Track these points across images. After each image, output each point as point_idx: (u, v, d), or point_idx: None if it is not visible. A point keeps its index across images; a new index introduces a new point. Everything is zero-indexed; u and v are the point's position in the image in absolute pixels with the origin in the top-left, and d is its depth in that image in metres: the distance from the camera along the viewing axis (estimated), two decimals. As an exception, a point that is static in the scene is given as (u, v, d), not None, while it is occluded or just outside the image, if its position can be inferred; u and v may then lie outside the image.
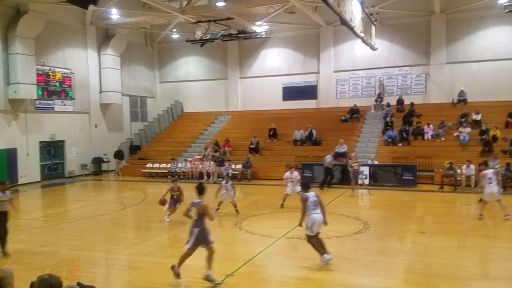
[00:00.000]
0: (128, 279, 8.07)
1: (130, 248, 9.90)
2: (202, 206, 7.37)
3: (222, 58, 30.37)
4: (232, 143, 25.20)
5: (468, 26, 24.15)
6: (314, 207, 8.17)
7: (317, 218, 8.15)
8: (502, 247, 9.53)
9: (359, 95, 26.90)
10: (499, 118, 21.82)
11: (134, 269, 8.44)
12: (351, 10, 15.62)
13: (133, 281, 7.84)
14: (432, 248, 9.58)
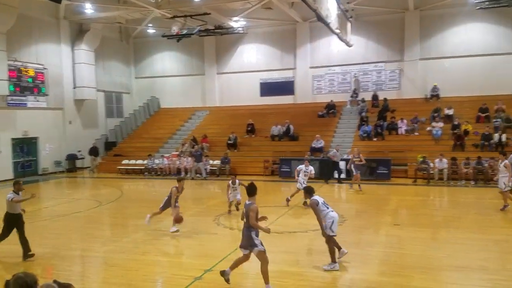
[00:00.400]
0: (105, 277, 8.00)
1: (106, 246, 9.81)
2: (250, 208, 6.80)
3: (199, 53, 30.19)
4: (210, 138, 25.14)
5: (441, 23, 24.69)
6: (327, 207, 8.10)
7: (335, 216, 8.02)
8: (473, 238, 9.85)
9: (335, 91, 27.20)
10: (471, 113, 22.44)
11: (111, 266, 8.37)
12: (327, 6, 15.76)
13: (110, 278, 7.78)
14: (406, 239, 9.84)
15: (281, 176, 20.99)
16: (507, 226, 11.11)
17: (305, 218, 12.03)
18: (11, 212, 8.71)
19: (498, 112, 21.61)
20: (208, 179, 21.58)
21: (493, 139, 19.70)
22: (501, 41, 23.63)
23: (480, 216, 12.31)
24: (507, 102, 22.14)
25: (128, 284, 7.39)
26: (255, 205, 6.81)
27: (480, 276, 7.38)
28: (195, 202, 15.86)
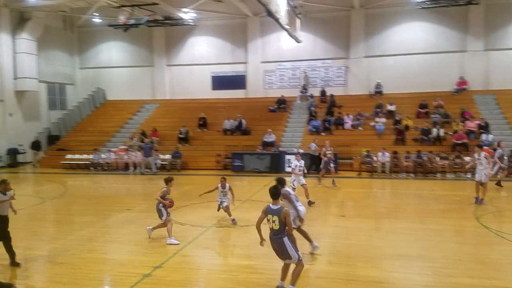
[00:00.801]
0: (50, 275, 7.74)
1: (51, 243, 9.47)
2: (285, 212, 6.23)
3: (148, 44, 29.52)
4: (160, 132, 24.74)
5: (385, 21, 25.72)
6: (297, 200, 8.18)
7: (302, 210, 8.12)
8: (413, 227, 10.44)
9: (286, 86, 27.62)
10: (411, 108, 23.63)
11: (55, 264, 8.10)
12: (277, 2, 15.99)
13: (54, 277, 7.53)
14: (351, 230, 10.27)
15: (233, 170, 21.09)
16: (445, 216, 11.87)
17: (257, 212, 12.20)
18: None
19: (437, 108, 22.92)
20: (158, 174, 21.23)
21: (432, 134, 20.89)
22: (440, 40, 25.01)
23: (420, 206, 13.05)
24: (445, 99, 23.56)
25: (73, 282, 7.19)
26: (287, 209, 6.35)
27: (419, 264, 7.86)
28: (145, 197, 15.59)
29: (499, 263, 7.85)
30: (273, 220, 6.22)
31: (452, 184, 17.35)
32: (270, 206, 6.30)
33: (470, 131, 20.71)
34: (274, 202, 6.30)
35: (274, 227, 6.23)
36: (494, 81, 24.23)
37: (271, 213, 6.26)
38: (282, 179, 8.18)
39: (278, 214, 6.17)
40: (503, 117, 22.15)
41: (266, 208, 6.34)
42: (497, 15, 23.94)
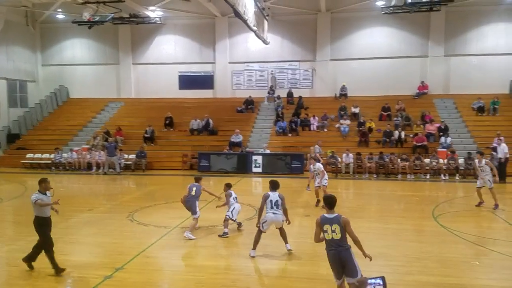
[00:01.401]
0: (7, 278, 7.48)
1: (9, 245, 9.16)
2: (346, 221, 5.77)
3: (113, 42, 28.93)
4: (125, 131, 24.32)
5: (350, 26, 26.27)
6: (271, 206, 8.28)
7: (271, 217, 8.31)
8: (375, 227, 10.74)
9: (254, 87, 27.74)
10: (374, 111, 24.26)
11: (14, 267, 7.83)
12: (245, 3, 16.06)
13: (12, 279, 7.30)
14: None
15: (199, 170, 20.98)
16: (405, 216, 12.27)
17: (223, 212, 12.21)
18: (40, 216, 7.38)
19: (399, 111, 23.63)
20: (122, 174, 20.89)
21: (394, 136, 21.53)
22: (403, 45, 25.80)
23: (381, 206, 13.44)
24: (407, 102, 24.35)
25: (32, 285, 7.01)
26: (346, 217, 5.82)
27: (380, 263, 8.07)
28: (108, 198, 15.32)
29: (455, 261, 8.19)
30: (332, 230, 5.70)
31: (412, 185, 17.93)
32: (325, 216, 5.85)
33: (429, 134, 21.48)
34: (329, 212, 5.88)
35: (335, 237, 5.70)
36: (453, 86, 25.25)
37: (328, 222, 5.77)
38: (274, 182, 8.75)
39: (338, 222, 5.73)
40: (461, 121, 23.11)
41: (320, 219, 5.86)
42: (457, 22, 24.95)
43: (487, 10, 24.46)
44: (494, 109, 23.14)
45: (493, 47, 24.80)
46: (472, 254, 8.45)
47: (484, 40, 24.97)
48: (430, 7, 20.56)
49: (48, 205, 7.38)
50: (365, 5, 25.02)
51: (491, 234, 9.87)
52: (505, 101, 23.76)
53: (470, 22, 24.92)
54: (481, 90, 24.08)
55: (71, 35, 28.84)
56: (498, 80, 24.34)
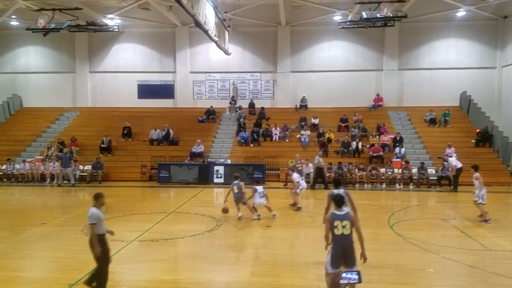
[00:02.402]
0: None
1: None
2: (354, 218, 6.42)
3: (70, 50, 28.12)
4: (81, 142, 23.57)
5: (309, 39, 26.87)
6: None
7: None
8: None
9: (215, 97, 27.73)
10: (333, 122, 24.81)
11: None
12: (205, 13, 16.09)
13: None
14: (276, 240, 10.50)
15: (159, 181, 20.62)
16: (362, 225, 12.27)
17: (183, 224, 12.06)
18: (99, 233, 6.71)
19: (356, 122, 24.30)
20: (77, 186, 20.18)
21: (351, 147, 22.09)
22: (359, 59, 26.65)
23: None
24: (363, 114, 25.09)
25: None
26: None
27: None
28: (62, 210, 14.74)
29: (411, 268, 8.44)
30: (343, 226, 6.15)
31: (369, 194, 18.40)
32: (335, 213, 6.27)
33: (385, 144, 22.19)
34: (338, 208, 6.35)
35: (345, 232, 6.14)
36: (407, 98, 26.29)
37: (339, 219, 6.19)
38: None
39: (350, 219, 6.22)
40: (414, 132, 24.04)
41: (332, 215, 6.27)
42: (410, 37, 26.08)
43: (438, 26, 25.72)
44: (445, 120, 24.26)
45: (444, 62, 26.09)
46: (427, 262, 8.74)
47: (435, 55, 26.23)
48: (384, 23, 21.36)
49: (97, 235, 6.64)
50: (323, 19, 25.67)
51: (445, 241, 10.25)
52: (455, 113, 25.00)
53: (423, 37, 26.13)
54: (433, 102, 25.21)
55: (25, 42, 27.82)
56: (449, 93, 25.58)
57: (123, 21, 26.16)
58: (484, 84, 25.61)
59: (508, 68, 24.74)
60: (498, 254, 9.27)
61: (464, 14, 24.55)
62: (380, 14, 19.70)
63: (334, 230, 6.17)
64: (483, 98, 24.86)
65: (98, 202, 6.90)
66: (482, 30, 25.59)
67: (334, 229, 6.17)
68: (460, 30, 25.72)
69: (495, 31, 25.52)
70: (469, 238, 10.57)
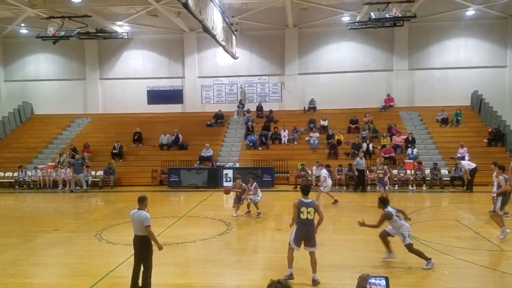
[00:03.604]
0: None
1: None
2: (318, 205, 7.66)
3: (80, 57, 28.43)
4: (92, 148, 23.77)
5: (317, 41, 26.81)
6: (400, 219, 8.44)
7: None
8: (346, 239, 10.84)
9: (223, 101, 27.78)
10: (343, 124, 24.69)
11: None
12: (213, 18, 16.14)
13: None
14: (287, 243, 10.39)
15: (170, 185, 20.71)
16: (378, 228, 12.40)
17: (194, 228, 12.07)
18: (144, 235, 6.95)
19: (366, 123, 24.14)
20: (90, 192, 20.33)
21: (362, 148, 21.93)
22: (368, 59, 26.51)
23: (351, 218, 13.50)
24: (374, 115, 24.92)
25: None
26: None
27: (350, 275, 8.10)
28: (75, 216, 14.84)
29: (425, 270, 8.29)
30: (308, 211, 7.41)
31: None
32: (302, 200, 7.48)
33: (396, 145, 22.00)
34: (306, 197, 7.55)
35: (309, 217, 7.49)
36: (418, 98, 26.07)
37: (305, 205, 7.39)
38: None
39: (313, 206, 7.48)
40: (426, 132, 23.81)
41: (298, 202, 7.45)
42: (420, 37, 25.89)
43: (448, 26, 25.51)
44: (457, 120, 24.01)
45: (454, 61, 25.85)
46: (441, 263, 8.62)
47: (445, 54, 26.00)
48: (393, 23, 21.23)
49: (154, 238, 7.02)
50: (331, 20, 25.60)
51: (459, 243, 10.10)
52: (467, 112, 24.73)
53: (432, 37, 25.92)
54: (444, 102, 24.97)
55: (35, 50, 28.18)
56: (460, 92, 25.31)
57: (132, 27, 26.38)
58: (495, 83, 25.33)
59: (519, 66, 24.45)
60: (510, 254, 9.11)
61: (473, 13, 24.34)
62: (389, 14, 19.63)
63: (301, 215, 7.36)
64: (494, 97, 24.58)
65: (144, 205, 7.08)
66: (492, 29, 25.32)
67: (301, 214, 7.36)
68: (469, 29, 25.47)
69: (505, 29, 25.26)
70: (483, 239, 10.42)
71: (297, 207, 7.38)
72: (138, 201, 7.10)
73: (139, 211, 6.95)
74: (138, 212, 6.94)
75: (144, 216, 6.85)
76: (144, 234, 6.91)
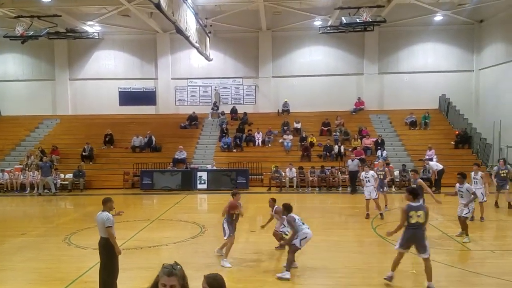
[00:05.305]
0: None
1: None
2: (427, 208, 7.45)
3: (49, 57, 27.74)
4: (62, 150, 23.21)
5: (290, 44, 27.07)
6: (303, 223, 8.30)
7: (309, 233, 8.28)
8: (318, 240, 10.81)
9: (197, 103, 27.67)
10: (315, 126, 25.00)
11: None
12: (186, 20, 16.10)
13: None
14: (261, 245, 10.48)
15: (142, 188, 20.45)
16: (346, 228, 12.67)
17: (167, 231, 11.98)
18: (106, 237, 6.97)
19: (338, 126, 24.53)
20: (58, 195, 19.85)
21: (334, 150, 22.27)
22: (340, 63, 26.96)
23: (324, 219, 13.76)
24: (345, 118, 25.35)
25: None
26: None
27: (323, 275, 8.28)
28: (43, 220, 14.48)
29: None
30: (418, 215, 7.25)
31: (352, 197, 18.53)
32: (412, 204, 7.34)
33: (367, 147, 22.45)
34: (414, 200, 7.41)
35: (420, 221, 7.25)
36: (387, 102, 26.67)
37: (414, 209, 7.28)
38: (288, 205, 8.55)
39: (424, 210, 7.33)
40: (395, 135, 24.39)
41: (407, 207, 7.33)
42: (389, 41, 26.50)
43: (416, 31, 26.21)
44: (425, 123, 24.69)
45: (423, 65, 26.58)
46: (410, 263, 8.85)
47: (414, 59, 26.70)
48: (364, 28, 21.67)
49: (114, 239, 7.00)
50: (304, 24, 25.89)
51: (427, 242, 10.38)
52: (435, 116, 25.47)
53: (402, 41, 26.59)
54: (413, 105, 25.63)
55: (2, 50, 27.40)
56: (428, 96, 26.05)
57: (103, 28, 25.94)
58: (462, 87, 26.18)
59: (485, 71, 25.37)
60: (478, 253, 9.46)
61: (441, 18, 25.10)
62: (360, 19, 19.99)
63: (409, 219, 7.27)
64: (461, 100, 25.42)
65: (107, 207, 7.10)
66: (459, 34, 26.18)
67: (409, 218, 7.27)
68: (437, 35, 26.26)
69: (472, 35, 26.15)
70: (450, 239, 10.77)
71: (406, 213, 7.29)
72: (102, 203, 7.16)
73: (102, 212, 6.99)
74: (102, 213, 6.97)
75: (106, 217, 6.89)
76: (107, 235, 6.92)
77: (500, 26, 23.70)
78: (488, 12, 24.32)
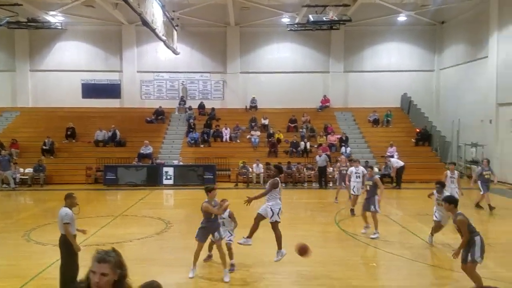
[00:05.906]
0: None
1: None
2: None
3: (9, 47, 26.67)
4: (21, 143, 22.40)
5: (258, 40, 27.14)
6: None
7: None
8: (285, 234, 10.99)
9: (164, 97, 27.30)
10: (282, 123, 25.21)
11: None
12: (152, 12, 15.83)
13: None
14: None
15: (105, 184, 20.00)
16: (311, 222, 12.88)
17: (131, 227, 11.80)
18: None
19: (304, 123, 24.84)
20: (18, 190, 19.17)
21: (300, 147, 22.56)
22: (307, 60, 27.26)
23: (290, 214, 13.87)
24: (311, 115, 25.71)
25: None
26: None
27: (288, 269, 8.41)
28: (2, 216, 13.93)
29: (356, 263, 8.80)
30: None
31: (317, 192, 18.89)
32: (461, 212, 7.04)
33: (331, 144, 22.87)
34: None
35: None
36: (352, 100, 27.23)
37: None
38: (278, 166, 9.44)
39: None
40: (359, 132, 24.95)
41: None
42: (354, 40, 27.00)
43: (381, 30, 26.83)
44: (387, 121, 25.40)
45: (386, 65, 27.25)
46: (371, 256, 9.16)
47: (378, 58, 27.35)
48: (330, 26, 22.01)
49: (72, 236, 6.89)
50: (271, 21, 25.99)
51: (387, 237, 10.73)
52: (397, 114, 26.23)
53: (366, 41, 27.16)
54: (376, 104, 26.27)
55: (-43, 38, 26.02)
56: (391, 94, 26.77)
57: (66, 18, 25.12)
58: (423, 86, 27.06)
59: (445, 71, 26.31)
60: (436, 247, 9.85)
61: (405, 19, 25.77)
62: (326, 18, 20.28)
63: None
64: (422, 99, 26.30)
65: (68, 203, 6.93)
66: (422, 35, 27.00)
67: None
68: (401, 35, 26.98)
69: (434, 35, 27.03)
70: (410, 233, 11.16)
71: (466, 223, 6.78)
72: (64, 198, 7.03)
73: (63, 208, 6.87)
74: (62, 209, 6.86)
75: (64, 213, 6.78)
76: (63, 233, 6.85)
77: (461, 27, 24.60)
78: (449, 14, 25.18)
